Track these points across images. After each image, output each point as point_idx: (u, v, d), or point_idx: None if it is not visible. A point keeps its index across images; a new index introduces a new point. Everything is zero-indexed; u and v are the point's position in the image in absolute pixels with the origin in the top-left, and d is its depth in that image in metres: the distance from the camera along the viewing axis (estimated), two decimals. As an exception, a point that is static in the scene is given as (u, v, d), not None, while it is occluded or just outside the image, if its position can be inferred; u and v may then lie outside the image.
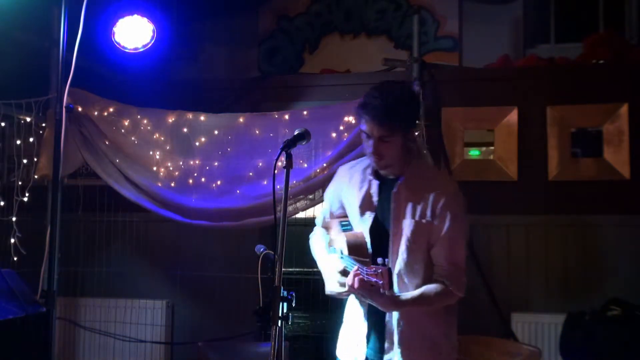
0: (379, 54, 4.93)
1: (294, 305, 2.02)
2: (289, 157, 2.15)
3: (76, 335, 4.58)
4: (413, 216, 2.27)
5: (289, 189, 2.15)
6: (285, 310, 1.99)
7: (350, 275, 2.17)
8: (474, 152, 4.41)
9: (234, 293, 4.36)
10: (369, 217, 2.36)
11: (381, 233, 2.32)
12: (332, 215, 2.60)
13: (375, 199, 2.36)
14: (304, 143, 2.23)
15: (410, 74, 4.18)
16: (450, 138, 4.31)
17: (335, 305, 2.96)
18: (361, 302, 2.39)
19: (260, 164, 3.90)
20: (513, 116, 4.26)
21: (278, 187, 2.12)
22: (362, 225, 2.38)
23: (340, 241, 2.39)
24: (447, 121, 4.33)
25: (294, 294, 2.03)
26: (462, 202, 2.36)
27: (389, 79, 2.35)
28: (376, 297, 2.15)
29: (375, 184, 2.36)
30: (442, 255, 2.28)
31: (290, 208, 3.79)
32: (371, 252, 2.30)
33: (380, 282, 2.00)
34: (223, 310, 4.44)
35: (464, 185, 4.21)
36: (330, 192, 2.59)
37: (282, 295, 1.99)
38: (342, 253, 2.37)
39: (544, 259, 4.18)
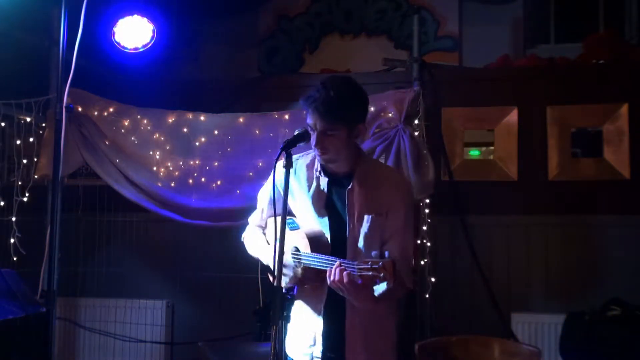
0: (379, 54, 4.92)
1: (294, 305, 2.02)
2: (289, 157, 2.15)
3: (76, 335, 4.58)
4: (369, 213, 2.27)
5: (289, 188, 2.15)
6: (285, 310, 1.99)
7: (334, 271, 2.11)
8: (474, 152, 4.41)
9: (234, 293, 4.36)
10: (323, 214, 2.33)
11: (336, 230, 2.31)
12: (266, 212, 2.55)
13: (326, 196, 2.34)
14: (303, 143, 2.23)
15: (410, 74, 4.18)
16: (450, 138, 4.31)
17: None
18: (318, 299, 2.35)
19: (260, 164, 3.90)
20: (513, 116, 4.26)
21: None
22: (315, 224, 2.35)
23: (295, 239, 2.35)
24: (447, 121, 4.33)
25: (294, 294, 2.03)
26: (412, 199, 2.39)
27: (336, 75, 2.35)
28: (360, 292, 2.12)
29: (324, 180, 2.33)
30: (396, 249, 2.28)
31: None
32: (331, 249, 2.28)
33: (381, 275, 1.98)
34: (223, 310, 4.44)
35: (464, 185, 4.27)
36: (267, 190, 2.51)
37: (282, 295, 1.99)
38: (299, 251, 2.33)
39: (544, 259, 4.18)
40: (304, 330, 2.41)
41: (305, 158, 2.42)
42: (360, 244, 2.28)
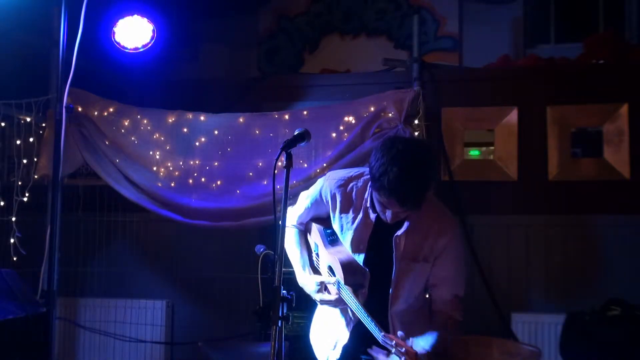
0: (379, 54, 4.92)
1: (294, 305, 2.02)
2: (289, 157, 2.14)
3: (76, 335, 4.58)
4: (415, 260, 2.27)
5: (289, 189, 2.15)
6: (285, 310, 1.99)
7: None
8: (474, 152, 4.41)
9: (234, 293, 4.36)
10: (361, 250, 2.33)
11: (375, 268, 2.31)
12: (309, 215, 2.56)
13: (371, 231, 2.32)
14: (304, 143, 2.22)
15: (410, 74, 4.18)
16: (450, 138, 4.31)
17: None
18: (349, 319, 2.38)
19: (260, 164, 3.90)
20: (513, 116, 4.26)
21: (278, 187, 2.12)
22: (355, 255, 2.35)
23: (332, 261, 2.37)
24: (447, 121, 4.33)
25: (294, 294, 2.03)
26: (460, 236, 2.40)
27: (399, 136, 2.26)
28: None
29: (373, 216, 2.31)
30: (449, 292, 2.33)
31: (290, 208, 3.78)
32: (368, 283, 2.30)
33: (402, 359, 1.99)
34: (223, 310, 4.44)
35: (464, 185, 4.27)
36: (314, 198, 2.48)
37: (282, 295, 1.99)
38: (332, 272, 2.36)
39: (543, 259, 4.18)
40: (329, 332, 2.44)
41: (357, 183, 2.37)
42: (404, 286, 2.30)
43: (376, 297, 2.29)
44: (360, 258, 2.33)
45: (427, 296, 2.45)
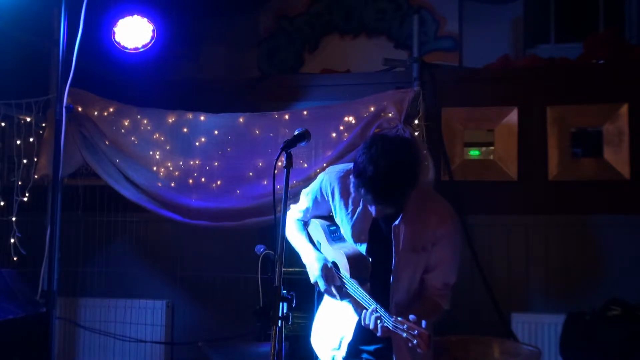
0: (379, 54, 4.92)
1: (294, 305, 2.02)
2: (289, 157, 2.15)
3: (76, 335, 4.58)
4: (415, 250, 2.28)
5: (289, 188, 2.15)
6: (285, 310, 1.99)
7: (369, 317, 2.15)
8: (474, 152, 4.41)
9: (234, 293, 4.36)
10: (362, 240, 2.35)
11: (377, 258, 2.32)
12: (309, 214, 2.57)
13: (371, 222, 2.33)
14: (304, 143, 2.22)
15: (410, 74, 4.18)
16: (450, 138, 4.31)
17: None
18: (352, 315, 2.39)
19: (260, 164, 3.90)
20: (513, 116, 4.26)
21: (278, 187, 2.12)
22: (357, 245, 2.37)
23: (336, 256, 2.38)
24: (447, 121, 4.33)
25: (294, 294, 2.03)
26: (459, 227, 2.40)
27: (386, 134, 2.21)
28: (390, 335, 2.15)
29: (372, 208, 2.29)
30: (439, 279, 2.33)
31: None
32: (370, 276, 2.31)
33: (415, 342, 1.98)
34: (223, 310, 4.44)
35: (464, 185, 4.27)
36: (314, 195, 2.49)
37: (282, 295, 1.99)
38: (337, 268, 2.37)
39: (544, 259, 4.18)
40: (332, 330, 2.44)
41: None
42: (405, 277, 2.32)
43: (378, 288, 2.29)
44: (362, 248, 2.34)
45: None
